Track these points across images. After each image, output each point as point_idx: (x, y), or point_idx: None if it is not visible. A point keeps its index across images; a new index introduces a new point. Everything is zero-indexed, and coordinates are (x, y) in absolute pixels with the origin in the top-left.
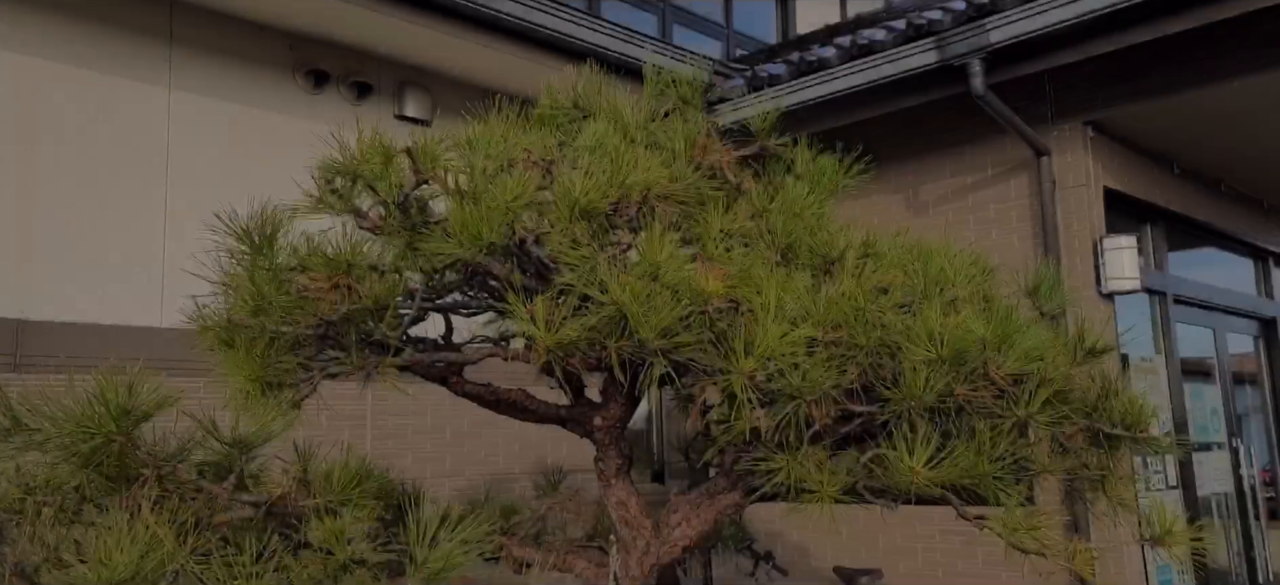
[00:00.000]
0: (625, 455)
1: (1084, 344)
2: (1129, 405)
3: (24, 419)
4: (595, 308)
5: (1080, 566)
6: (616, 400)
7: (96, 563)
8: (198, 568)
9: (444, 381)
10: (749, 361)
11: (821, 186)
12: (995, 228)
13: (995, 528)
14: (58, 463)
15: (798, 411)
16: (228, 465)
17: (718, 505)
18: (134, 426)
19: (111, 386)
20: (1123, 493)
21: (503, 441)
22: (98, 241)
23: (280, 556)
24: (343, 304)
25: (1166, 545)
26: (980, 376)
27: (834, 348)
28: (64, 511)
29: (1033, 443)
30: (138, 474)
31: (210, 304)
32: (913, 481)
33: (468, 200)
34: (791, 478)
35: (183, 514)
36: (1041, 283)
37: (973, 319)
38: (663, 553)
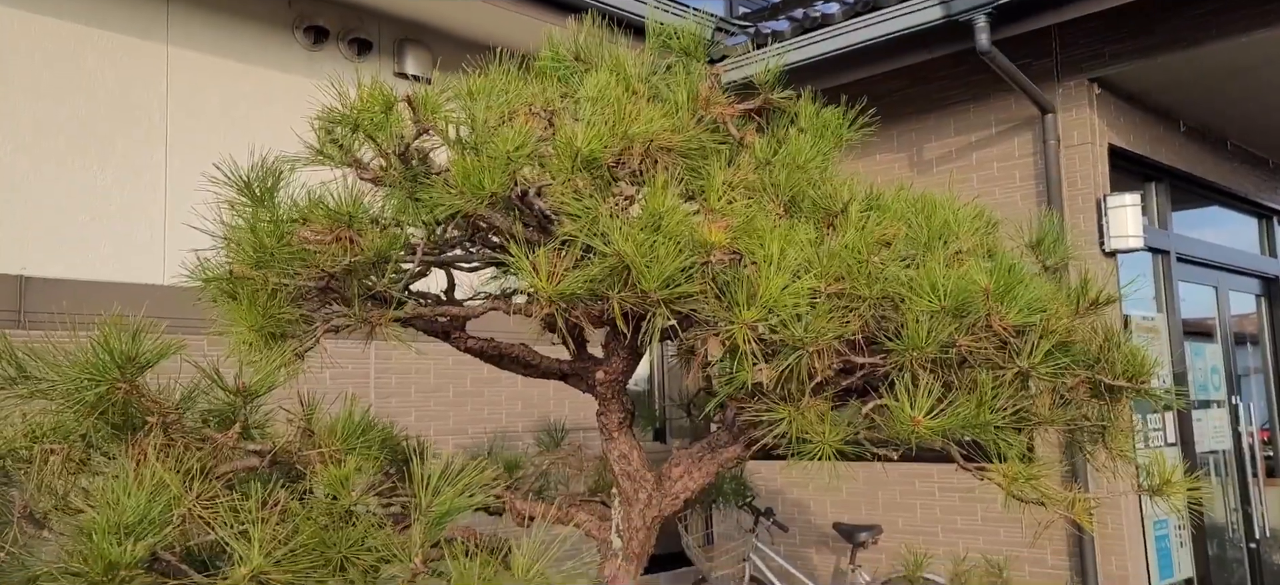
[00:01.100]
0: (627, 409)
1: (1086, 295)
2: (1130, 357)
3: (29, 368)
4: (598, 259)
5: (1078, 515)
6: (618, 354)
7: (105, 507)
8: (205, 512)
9: (446, 336)
10: (751, 312)
11: (825, 140)
12: (998, 186)
13: (995, 478)
14: (63, 411)
15: (800, 363)
16: (232, 414)
17: (719, 458)
18: (138, 374)
19: (116, 334)
20: (1122, 444)
21: (505, 400)
22: (98, 198)
23: (285, 502)
24: (344, 257)
25: (1164, 495)
26: (982, 328)
27: (837, 299)
28: (71, 460)
29: (1034, 394)
30: (143, 422)
31: (212, 257)
32: (914, 431)
33: (469, 150)
34: (793, 429)
35: (188, 462)
36: (1044, 237)
37: (976, 270)
38: (665, 505)
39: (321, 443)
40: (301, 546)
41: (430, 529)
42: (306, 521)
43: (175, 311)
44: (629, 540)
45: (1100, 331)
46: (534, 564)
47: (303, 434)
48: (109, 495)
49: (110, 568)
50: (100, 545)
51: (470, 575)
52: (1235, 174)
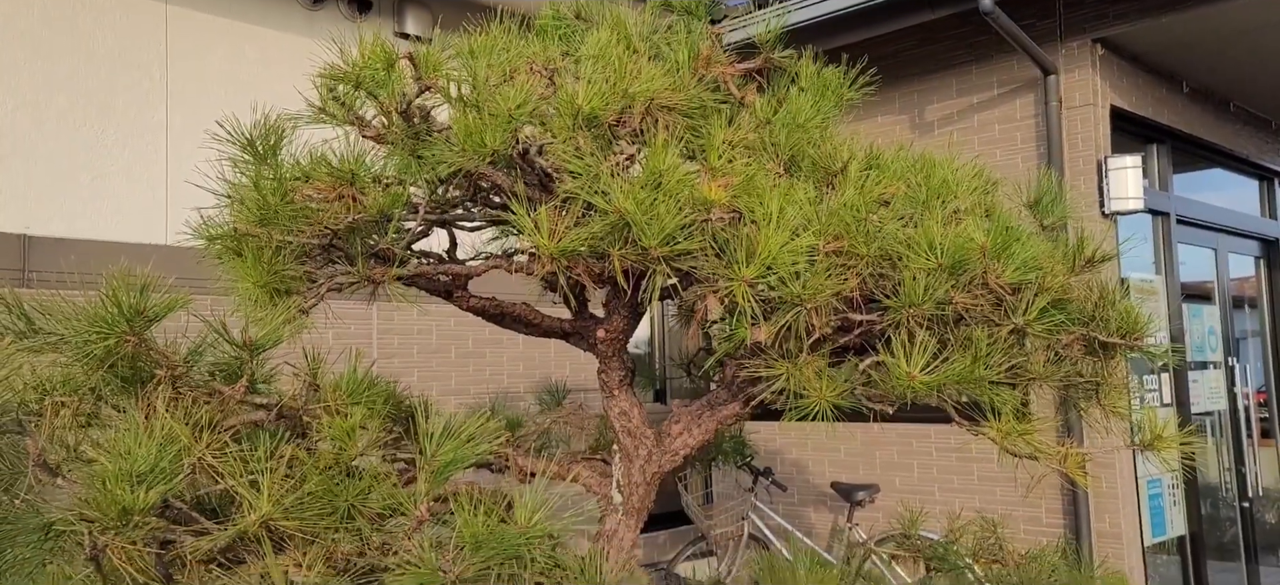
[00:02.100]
0: (628, 367)
1: (1083, 254)
2: (1125, 315)
3: (38, 322)
4: (598, 216)
5: (1071, 470)
6: (619, 313)
7: (117, 456)
8: (214, 461)
9: (449, 295)
10: (750, 269)
11: (826, 99)
12: (999, 148)
13: (989, 433)
14: (72, 364)
15: (798, 320)
16: (238, 369)
17: (718, 415)
18: (146, 328)
19: (123, 288)
20: (1116, 401)
21: (507, 361)
22: (100, 157)
23: (292, 454)
24: (347, 214)
25: (1155, 450)
26: (979, 286)
27: (835, 257)
28: (81, 413)
29: (1029, 352)
30: (151, 375)
31: (215, 215)
32: (909, 386)
33: (470, 108)
34: (791, 385)
35: (196, 415)
36: (1042, 196)
37: (974, 228)
38: (664, 461)
39: (327, 398)
40: (309, 496)
41: (434, 479)
42: (313, 471)
43: (178, 271)
44: (629, 495)
45: (1096, 290)
46: (535, 514)
47: (308, 389)
48: (120, 445)
49: (124, 513)
50: (114, 491)
51: (474, 524)
52: (1237, 136)
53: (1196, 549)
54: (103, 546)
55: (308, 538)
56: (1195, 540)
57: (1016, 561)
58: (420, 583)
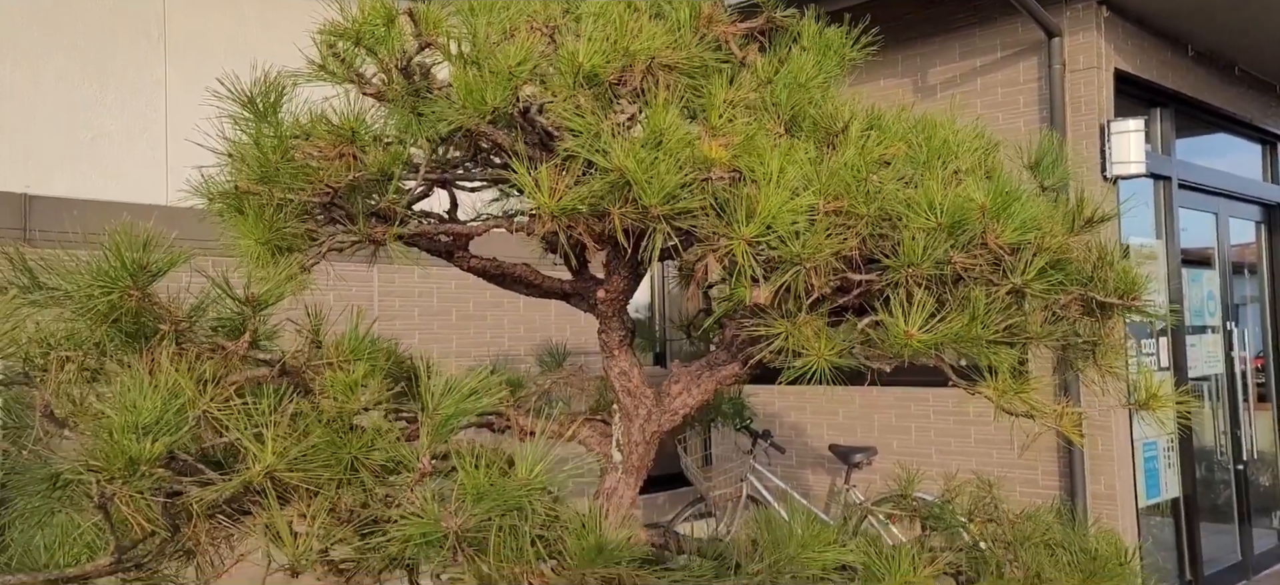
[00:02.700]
0: (628, 327)
1: (1082, 214)
2: (1123, 275)
3: (42, 277)
4: (599, 174)
5: (1067, 428)
6: (619, 273)
7: (122, 409)
8: (219, 414)
9: (449, 256)
10: (750, 228)
11: (828, 59)
12: (1002, 112)
13: (986, 391)
14: (76, 319)
15: (798, 279)
16: (241, 324)
17: (717, 375)
18: (149, 283)
19: (126, 243)
20: (1113, 361)
21: (507, 324)
22: (99, 117)
23: (296, 407)
24: (347, 173)
25: (1150, 410)
26: (978, 246)
27: (835, 217)
28: (86, 368)
29: (1027, 312)
30: (154, 330)
31: (215, 174)
32: (907, 343)
33: (470, 65)
34: (790, 344)
35: (199, 370)
36: (1043, 157)
37: (974, 188)
38: (664, 421)
39: (329, 355)
40: (312, 449)
41: (436, 433)
42: (316, 423)
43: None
44: (629, 454)
45: (1095, 250)
46: (536, 467)
47: (310, 346)
48: (126, 398)
49: (130, 463)
50: (120, 442)
51: (475, 477)
52: (1242, 99)
53: (1190, 511)
54: (110, 495)
55: (311, 490)
56: (1188, 502)
57: (1011, 521)
58: (423, 533)
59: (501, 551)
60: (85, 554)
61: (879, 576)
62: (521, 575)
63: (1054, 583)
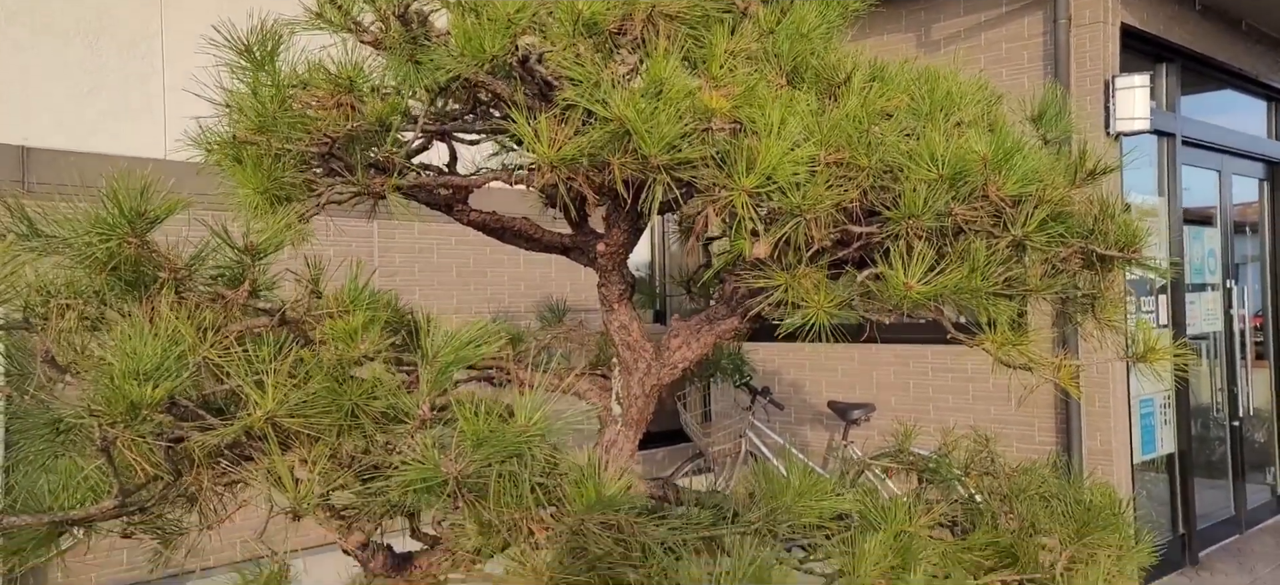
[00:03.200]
0: (628, 282)
1: (1085, 166)
2: (1124, 227)
3: (40, 225)
4: (598, 124)
5: (1065, 380)
6: (619, 226)
7: (123, 355)
8: (220, 360)
9: (449, 209)
10: (751, 178)
11: (831, 9)
12: (1006, 67)
13: (985, 343)
14: (75, 268)
15: (798, 230)
16: (240, 273)
17: (717, 329)
18: (147, 230)
19: (124, 190)
20: (1112, 314)
21: (507, 281)
22: (96, 69)
23: (297, 354)
24: (346, 123)
25: (1148, 362)
26: (979, 197)
27: (836, 168)
28: (86, 318)
29: (1027, 264)
30: (154, 279)
31: (213, 125)
32: (906, 295)
33: (469, 13)
34: (790, 296)
35: (199, 319)
36: (1046, 109)
37: (976, 139)
38: (663, 374)
39: (329, 306)
40: (313, 396)
41: (436, 380)
42: (317, 369)
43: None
44: (628, 408)
45: (1096, 203)
46: (536, 414)
47: (310, 296)
48: (126, 344)
49: (132, 407)
50: (121, 386)
51: (475, 423)
52: (1248, 55)
53: (1184, 466)
54: (112, 439)
55: (312, 436)
56: (1183, 458)
57: (1008, 474)
58: (423, 478)
59: (501, 498)
60: (90, 497)
61: (875, 525)
62: (521, 521)
63: (1048, 533)
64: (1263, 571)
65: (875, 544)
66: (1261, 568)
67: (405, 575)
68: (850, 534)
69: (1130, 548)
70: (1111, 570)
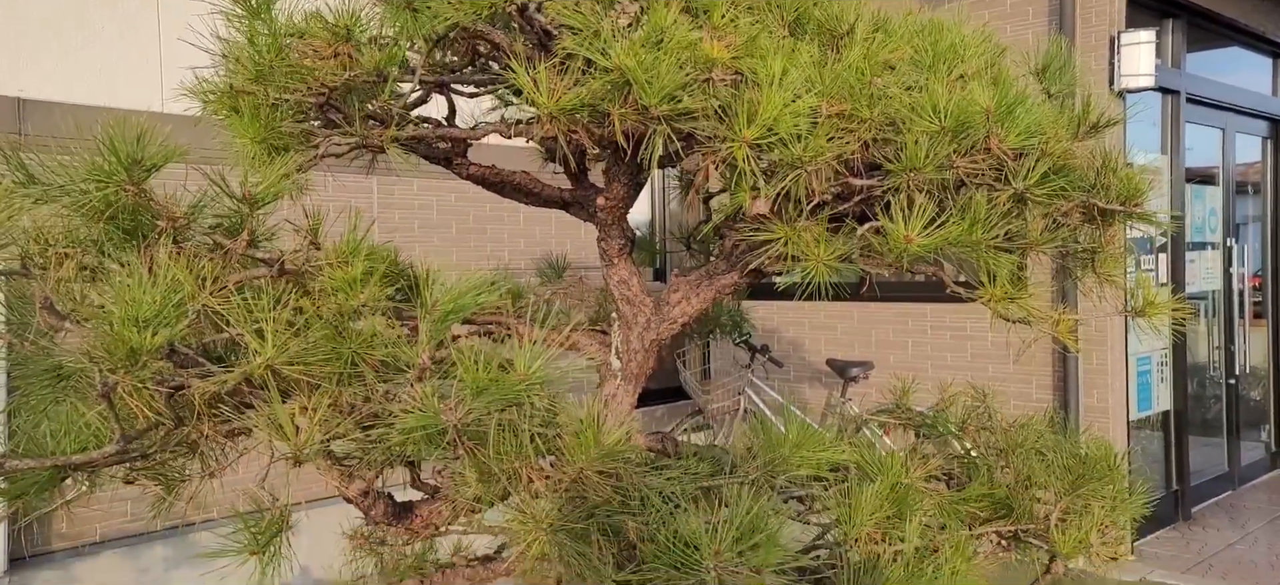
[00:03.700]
0: (628, 236)
1: (1088, 119)
2: (1126, 181)
3: (36, 172)
4: (598, 73)
5: (1063, 334)
6: (619, 180)
7: (122, 302)
8: (219, 308)
9: (448, 163)
10: (751, 129)
11: None
12: (1010, 23)
13: (984, 296)
14: (72, 216)
15: (798, 183)
16: (239, 223)
17: (717, 285)
18: (144, 178)
19: (120, 135)
20: (1112, 269)
21: (507, 237)
22: (92, 21)
23: (296, 301)
24: (343, 72)
25: (1148, 316)
26: (981, 150)
27: (838, 119)
28: (84, 267)
29: (1028, 218)
30: (152, 227)
31: (209, 76)
32: (906, 248)
33: None
34: (789, 249)
35: (198, 268)
36: (1050, 63)
37: (979, 91)
38: (663, 329)
39: (328, 258)
40: (313, 345)
41: (436, 327)
42: (316, 318)
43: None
44: (628, 362)
45: (1099, 157)
46: (535, 364)
47: (309, 247)
48: (125, 292)
49: (132, 354)
50: (121, 332)
51: (475, 372)
52: (1256, 11)
53: (1179, 424)
54: (113, 385)
55: (313, 384)
56: (1179, 416)
57: (1004, 429)
58: (423, 426)
59: (501, 447)
60: (92, 443)
61: (871, 476)
62: (521, 470)
63: (1044, 486)
64: (1254, 526)
65: (871, 494)
66: (1253, 523)
67: (405, 524)
68: (847, 485)
69: (1124, 499)
70: (1105, 521)
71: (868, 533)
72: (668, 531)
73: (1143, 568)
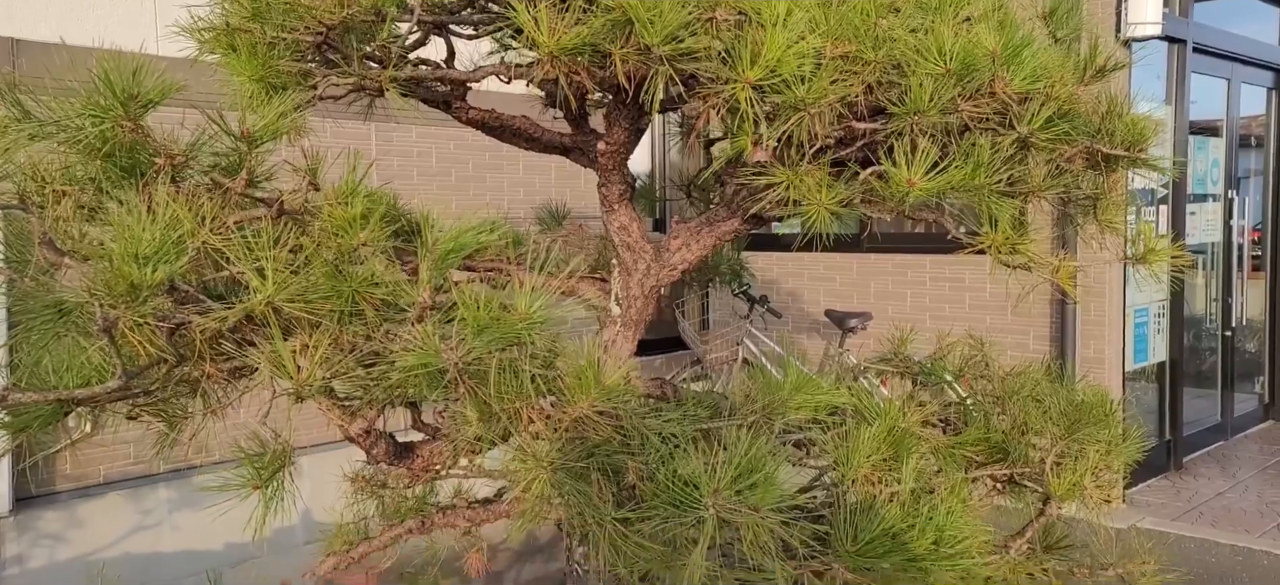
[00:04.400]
0: (628, 182)
1: (1094, 63)
2: (1131, 126)
3: (31, 108)
4: (600, 12)
5: (1063, 280)
6: (620, 125)
7: (122, 239)
8: (220, 244)
9: (447, 106)
10: (754, 71)
11: None
12: None
13: (984, 241)
14: (69, 153)
15: (801, 125)
16: (237, 162)
17: (717, 231)
18: (141, 114)
19: (116, 70)
20: (1113, 216)
21: (507, 186)
22: None
23: (296, 239)
24: (341, 9)
25: (1147, 263)
26: (986, 94)
27: (842, 61)
28: (82, 206)
29: (1031, 164)
30: (150, 165)
31: (205, 15)
32: (908, 191)
33: None
34: (791, 194)
35: (197, 207)
36: (1056, 6)
37: (984, 33)
38: (662, 275)
39: (328, 197)
40: (313, 283)
41: (437, 266)
42: (316, 255)
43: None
44: (627, 308)
45: (1104, 101)
46: (535, 303)
47: (308, 187)
48: (125, 229)
49: (133, 289)
50: (121, 268)
51: (475, 310)
52: None
53: (1174, 375)
54: (114, 320)
55: (314, 322)
56: (1174, 366)
57: (1001, 377)
58: (423, 364)
59: (502, 387)
60: (94, 378)
61: (869, 419)
62: (522, 409)
63: (1040, 432)
64: (1244, 475)
65: (868, 436)
66: (1243, 472)
67: (407, 464)
68: (844, 429)
69: (1119, 444)
70: (1099, 465)
71: (865, 474)
72: (667, 471)
73: (1133, 515)
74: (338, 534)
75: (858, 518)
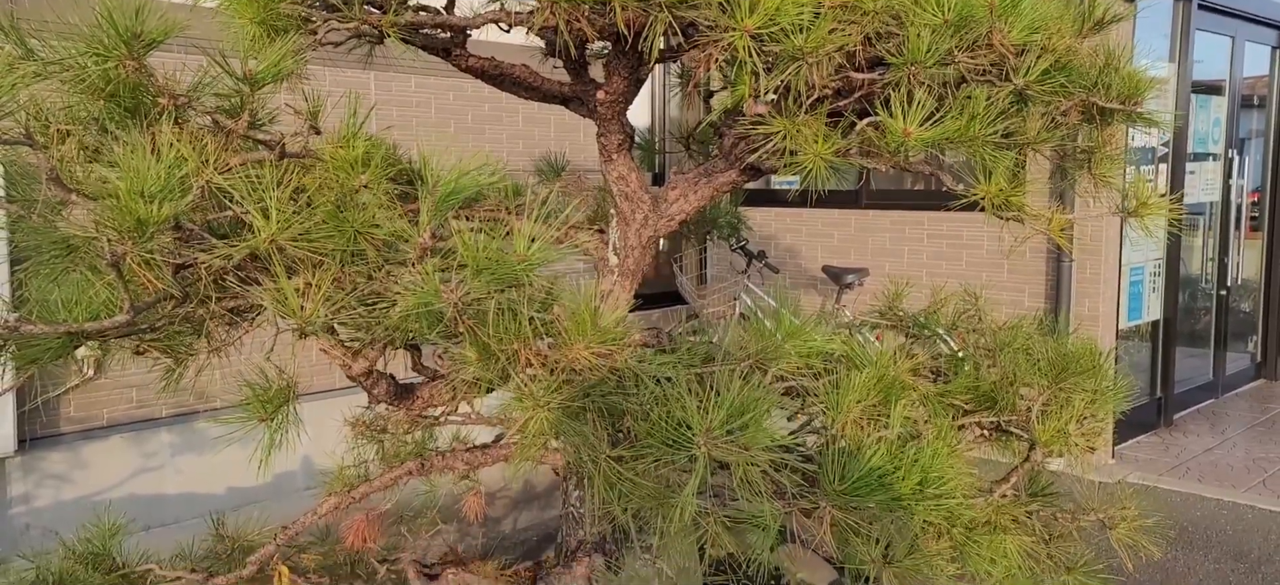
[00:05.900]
0: (627, 132)
1: (1093, 15)
2: (1128, 79)
3: (34, 47)
4: None
5: (1055, 232)
6: (619, 74)
7: (128, 176)
8: (223, 183)
9: (447, 54)
10: (753, 18)
11: None
12: None
13: (979, 193)
14: (72, 93)
15: (799, 75)
16: (239, 104)
17: (715, 182)
18: (144, 52)
19: (119, 8)
20: (1108, 170)
21: (506, 139)
22: None
23: (298, 180)
24: None
25: (1141, 217)
26: (984, 45)
27: (840, 10)
28: (86, 148)
29: (1027, 116)
30: (154, 105)
31: None
32: (904, 142)
33: None
34: (788, 143)
35: (200, 147)
36: None
37: None
38: (660, 226)
39: (329, 140)
40: (316, 223)
41: (437, 208)
42: (319, 194)
43: None
44: (625, 258)
45: (1103, 54)
46: (535, 243)
47: (309, 131)
48: (130, 167)
49: (139, 224)
50: (128, 204)
51: (474, 250)
52: None
53: (1167, 333)
54: (121, 255)
55: (316, 261)
56: (1167, 325)
57: (994, 330)
58: (423, 304)
59: (500, 327)
60: (103, 311)
61: (859, 365)
62: (520, 351)
63: (1029, 383)
64: (1233, 432)
65: (858, 382)
66: (1232, 429)
67: (406, 405)
68: (835, 377)
69: (1106, 392)
70: (1085, 411)
71: (854, 419)
72: (661, 411)
73: (1122, 470)
74: (338, 477)
75: (846, 460)
